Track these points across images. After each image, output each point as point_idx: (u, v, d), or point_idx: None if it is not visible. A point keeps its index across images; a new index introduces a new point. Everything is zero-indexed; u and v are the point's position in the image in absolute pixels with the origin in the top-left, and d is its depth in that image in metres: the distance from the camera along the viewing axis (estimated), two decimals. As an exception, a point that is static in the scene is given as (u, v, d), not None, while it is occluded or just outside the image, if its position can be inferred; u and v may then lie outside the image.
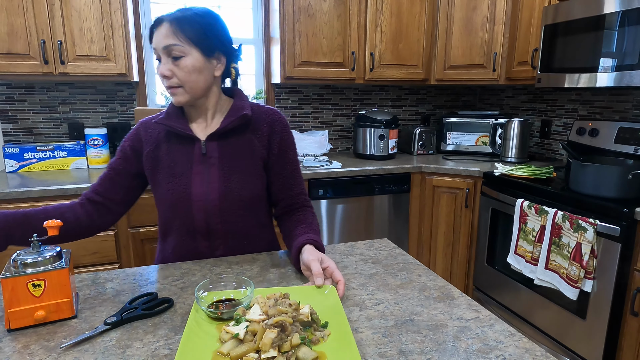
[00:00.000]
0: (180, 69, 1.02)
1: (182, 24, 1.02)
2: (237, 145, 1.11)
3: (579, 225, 1.70)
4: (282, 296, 0.78)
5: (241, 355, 0.66)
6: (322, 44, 2.49)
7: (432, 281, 0.98)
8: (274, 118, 1.15)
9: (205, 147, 1.10)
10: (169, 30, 1.01)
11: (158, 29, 1.02)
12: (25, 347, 0.72)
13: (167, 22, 1.02)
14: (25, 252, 0.80)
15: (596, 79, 1.93)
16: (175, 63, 1.02)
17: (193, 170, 1.09)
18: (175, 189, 1.08)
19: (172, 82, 1.03)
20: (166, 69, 1.02)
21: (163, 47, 1.01)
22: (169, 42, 1.01)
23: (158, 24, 1.03)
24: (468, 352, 0.71)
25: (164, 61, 1.03)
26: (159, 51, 1.03)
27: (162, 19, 1.03)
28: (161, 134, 1.12)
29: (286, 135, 1.16)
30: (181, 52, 1.01)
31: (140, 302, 0.85)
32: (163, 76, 1.03)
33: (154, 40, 1.03)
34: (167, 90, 1.06)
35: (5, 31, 1.97)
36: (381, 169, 2.44)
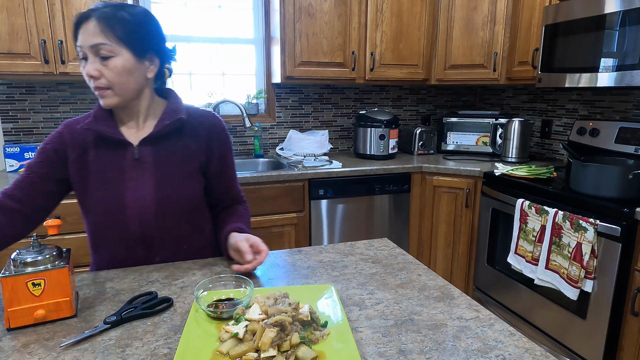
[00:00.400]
0: (110, 69, 0.96)
1: (112, 22, 0.94)
2: (172, 149, 1.06)
3: (579, 225, 1.69)
4: (282, 295, 0.78)
5: (241, 354, 0.66)
6: (322, 44, 2.49)
7: (432, 281, 0.98)
8: (212, 122, 1.13)
9: (139, 152, 1.04)
10: (97, 28, 0.93)
11: (84, 26, 0.94)
12: (25, 346, 0.72)
13: (95, 19, 0.94)
14: (25, 251, 0.80)
15: (597, 78, 1.93)
16: (103, 63, 0.95)
17: (125, 176, 1.03)
18: (107, 197, 1.02)
19: (100, 83, 0.96)
20: (93, 68, 0.95)
21: (90, 46, 0.94)
22: (96, 40, 0.93)
23: (84, 19, 0.94)
24: (468, 352, 0.71)
25: (91, 60, 0.95)
26: (84, 49, 0.95)
27: (88, 14, 0.94)
28: (89, 138, 1.04)
29: (225, 139, 1.14)
30: (110, 51, 0.95)
31: (140, 302, 0.85)
32: (90, 76, 0.96)
33: (80, 37, 0.95)
34: (95, 91, 0.98)
35: (6, 31, 1.98)
36: (381, 169, 2.44)
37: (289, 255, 1.13)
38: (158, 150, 1.05)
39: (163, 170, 1.05)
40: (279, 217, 2.28)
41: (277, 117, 2.86)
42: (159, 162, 1.05)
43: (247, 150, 2.82)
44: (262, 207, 2.24)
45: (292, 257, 1.12)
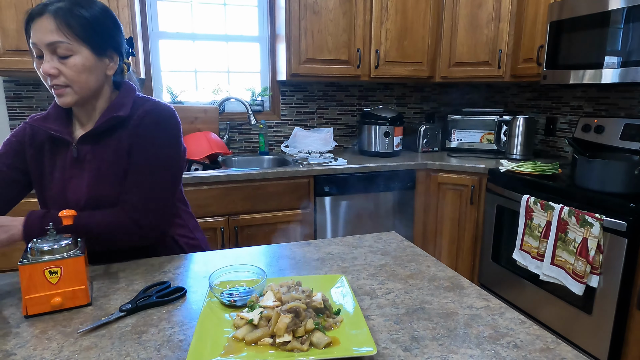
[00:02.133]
0: (69, 68, 0.93)
1: (69, 19, 0.90)
2: (107, 147, 1.01)
3: (585, 220, 1.70)
4: (295, 284, 0.79)
5: (256, 339, 0.67)
6: (327, 41, 2.50)
7: (442, 272, 0.98)
8: (149, 113, 1.01)
9: (77, 150, 1.02)
10: (54, 25, 0.89)
11: (38, 22, 0.90)
12: (43, 332, 0.73)
13: (51, 15, 0.89)
14: (42, 240, 0.81)
15: (601, 75, 1.93)
16: (62, 61, 0.92)
17: (65, 175, 1.02)
18: (54, 196, 1.02)
19: (59, 81, 0.93)
20: (51, 67, 0.91)
21: (47, 44, 0.90)
22: (54, 38, 0.89)
23: (37, 15, 0.90)
24: (479, 339, 0.71)
25: (48, 58, 0.91)
26: (40, 47, 0.91)
27: (42, 10, 0.90)
28: (44, 136, 1.04)
29: (145, 132, 1.00)
30: (69, 50, 0.91)
31: (154, 291, 0.86)
32: (48, 74, 0.92)
33: (34, 34, 0.90)
34: (52, 89, 0.95)
35: (15, 28, 1.99)
36: (386, 166, 2.44)
37: (299, 247, 1.14)
38: (97, 148, 1.01)
39: (98, 169, 1.01)
40: (284, 213, 2.29)
41: (282, 115, 2.87)
42: (97, 160, 1.01)
43: (252, 147, 2.83)
44: (268, 204, 2.25)
45: (301, 249, 1.13)
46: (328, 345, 0.67)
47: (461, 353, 0.67)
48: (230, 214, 2.18)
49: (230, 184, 2.15)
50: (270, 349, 0.66)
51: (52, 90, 0.95)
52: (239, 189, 2.17)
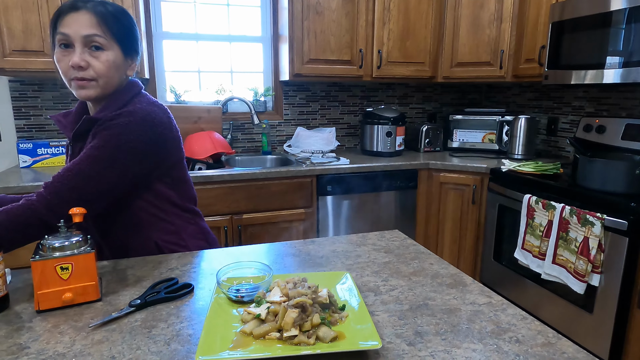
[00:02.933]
0: (100, 62, 0.97)
1: (108, 19, 0.97)
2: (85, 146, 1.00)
3: (586, 219, 1.71)
4: (301, 280, 0.81)
5: (264, 334, 0.69)
6: (330, 42, 2.52)
7: (444, 269, 1.00)
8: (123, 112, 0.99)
9: (72, 148, 1.06)
10: (93, 21, 0.95)
11: (74, 15, 0.94)
12: (55, 327, 0.75)
13: (90, 13, 0.95)
14: (53, 237, 0.82)
15: (603, 75, 1.95)
16: (94, 54, 0.96)
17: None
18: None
19: (87, 74, 0.96)
20: (81, 59, 0.94)
21: (84, 36, 0.94)
22: (92, 31, 0.95)
23: (73, 9, 0.95)
24: (482, 334, 0.73)
25: (80, 50, 0.95)
26: (73, 38, 0.94)
27: (80, 6, 0.95)
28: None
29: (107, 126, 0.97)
30: (104, 44, 0.97)
31: (163, 287, 0.87)
32: (77, 66, 0.94)
33: (68, 26, 0.94)
34: (74, 81, 0.97)
35: (21, 28, 2.01)
36: (388, 165, 2.46)
37: (303, 245, 1.15)
38: (83, 147, 1.02)
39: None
40: (287, 212, 2.30)
41: (285, 115, 2.88)
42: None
43: (255, 147, 2.85)
44: (271, 203, 2.26)
45: (305, 247, 1.14)
46: (334, 339, 0.68)
47: (464, 347, 0.69)
48: (233, 213, 2.20)
49: (233, 184, 2.17)
50: (277, 343, 0.68)
51: (73, 82, 0.97)
52: (242, 189, 2.19)
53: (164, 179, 1.10)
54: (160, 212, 1.11)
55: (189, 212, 1.18)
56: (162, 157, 1.07)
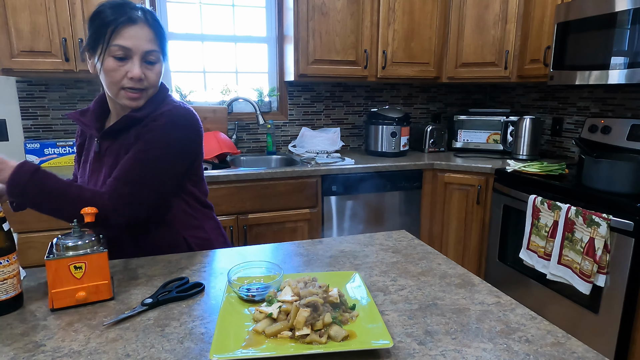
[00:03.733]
0: (154, 73, 1.02)
1: (160, 34, 1.01)
2: (121, 144, 1.06)
3: (592, 220, 1.71)
4: (311, 279, 0.82)
5: (276, 332, 0.70)
6: (335, 42, 2.52)
7: (452, 269, 1.01)
8: (163, 114, 1.03)
9: (99, 145, 1.09)
10: (152, 36, 0.99)
11: (134, 28, 0.97)
12: (70, 325, 0.76)
13: (147, 26, 0.99)
14: (66, 236, 0.84)
15: (608, 76, 1.95)
16: (148, 67, 1.01)
17: (89, 168, 1.11)
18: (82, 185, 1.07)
19: (141, 85, 1.01)
20: (141, 71, 0.99)
21: (145, 51, 0.99)
22: (151, 47, 1.00)
23: (132, 22, 0.97)
24: (491, 333, 0.73)
25: (137, 63, 0.98)
26: (134, 52, 0.97)
27: (137, 18, 0.98)
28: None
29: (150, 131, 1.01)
30: (157, 58, 1.02)
31: (174, 286, 0.88)
32: (137, 79, 0.99)
33: (129, 39, 0.96)
34: (126, 91, 1.00)
35: (28, 29, 2.03)
36: (393, 166, 2.46)
37: (311, 245, 1.16)
38: (113, 145, 1.07)
39: (112, 165, 1.05)
40: (292, 212, 2.31)
41: (290, 115, 2.89)
42: (112, 156, 1.06)
43: (260, 147, 2.86)
44: (276, 203, 2.27)
45: (313, 247, 1.15)
46: (345, 338, 0.69)
47: (474, 347, 0.70)
48: (239, 212, 2.21)
49: (239, 184, 2.18)
50: (289, 341, 0.69)
51: (124, 92, 1.01)
52: (247, 188, 2.20)
53: (192, 176, 1.14)
54: (188, 208, 1.15)
55: (207, 207, 1.23)
56: (198, 154, 1.13)
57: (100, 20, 0.97)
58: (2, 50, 2.01)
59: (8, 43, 2.01)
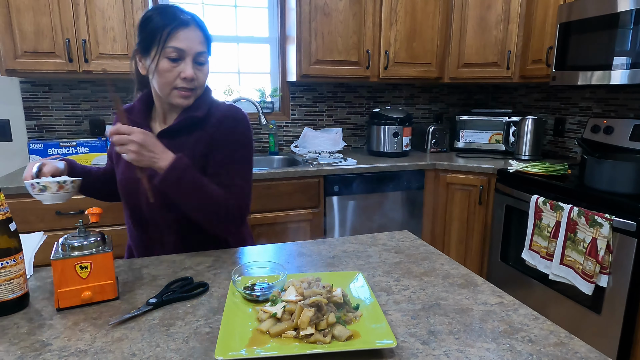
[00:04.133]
0: (203, 74, 1.08)
1: (207, 34, 1.07)
2: (184, 143, 1.10)
3: (594, 220, 1.71)
4: (315, 280, 0.82)
5: (280, 332, 0.70)
6: (337, 43, 2.53)
7: (455, 269, 1.01)
8: (226, 115, 1.11)
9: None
10: (202, 38, 1.05)
11: (186, 31, 1.02)
12: (76, 324, 0.76)
13: (197, 29, 1.05)
14: (71, 237, 0.84)
15: (610, 76, 1.95)
16: (199, 68, 1.06)
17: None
18: (128, 181, 1.13)
19: (192, 85, 1.06)
20: (193, 72, 1.04)
21: (197, 52, 1.04)
22: (202, 48, 1.05)
23: (185, 25, 1.02)
24: (495, 333, 0.74)
25: (189, 65, 1.03)
26: (187, 53, 1.02)
27: (189, 21, 1.03)
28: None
29: (233, 130, 1.10)
30: (206, 59, 1.08)
31: (178, 286, 0.89)
32: (190, 79, 1.04)
33: (183, 41, 1.01)
34: (179, 90, 1.05)
35: (32, 30, 2.03)
36: (395, 166, 2.47)
37: (314, 245, 1.17)
38: (173, 143, 1.09)
39: None
40: (294, 212, 2.32)
41: (292, 115, 2.90)
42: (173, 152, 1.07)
43: (262, 147, 2.87)
44: (279, 203, 2.28)
45: (317, 247, 1.16)
46: (349, 338, 0.70)
47: (477, 346, 0.70)
48: (241, 213, 2.21)
49: (241, 184, 2.18)
50: (294, 341, 0.69)
51: (176, 91, 1.05)
52: (250, 189, 2.20)
53: None
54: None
55: None
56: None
57: (153, 24, 1.02)
58: (6, 51, 2.02)
59: (12, 44, 2.02)
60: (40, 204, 1.89)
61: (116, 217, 2.01)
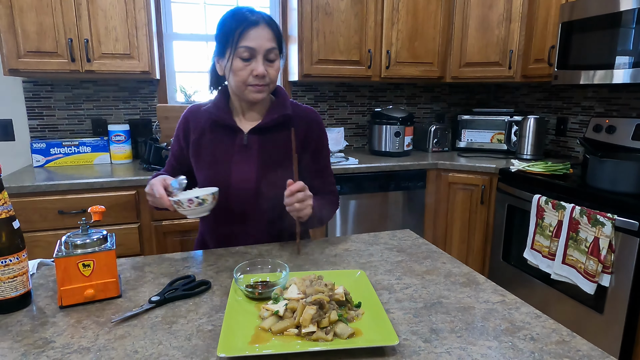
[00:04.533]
0: (275, 70, 1.12)
1: (276, 30, 1.10)
2: (275, 140, 1.19)
3: (596, 220, 1.71)
4: (317, 278, 0.82)
5: (282, 330, 0.70)
6: (339, 42, 2.53)
7: (457, 268, 1.01)
8: (312, 118, 1.24)
9: (247, 139, 1.18)
10: (272, 35, 1.09)
11: (256, 29, 1.07)
12: (78, 322, 0.76)
13: (267, 27, 1.08)
14: (74, 235, 0.84)
15: (612, 75, 1.94)
16: (269, 64, 1.10)
17: (233, 159, 1.17)
18: (216, 176, 1.16)
19: (264, 81, 1.10)
20: (264, 69, 1.09)
21: (267, 49, 1.08)
22: (272, 45, 1.09)
23: (255, 24, 1.07)
24: (497, 331, 0.74)
25: (260, 62, 1.08)
26: (258, 51, 1.07)
27: (258, 20, 1.07)
28: (207, 122, 1.20)
29: (320, 133, 1.25)
30: (276, 55, 1.11)
31: (180, 284, 0.89)
32: (262, 75, 1.08)
33: (253, 40, 1.06)
34: (252, 87, 1.10)
35: (35, 30, 2.04)
36: (397, 165, 2.47)
37: (316, 244, 1.17)
38: (263, 140, 1.18)
39: (265, 158, 1.17)
40: (296, 212, 2.31)
41: (293, 115, 2.90)
42: (263, 150, 1.18)
43: (264, 147, 2.86)
44: (280, 202, 2.27)
45: (318, 245, 1.16)
46: (351, 335, 0.70)
47: (479, 344, 0.70)
48: (243, 212, 2.21)
49: (243, 183, 2.18)
50: (296, 339, 0.69)
51: (250, 88, 1.10)
52: (252, 188, 2.20)
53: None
54: None
55: None
56: None
57: (226, 27, 1.09)
58: (9, 51, 2.02)
59: (15, 43, 2.03)
60: (42, 203, 1.90)
61: (119, 217, 2.01)
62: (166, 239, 2.13)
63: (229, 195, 1.16)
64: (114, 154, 2.39)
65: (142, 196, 2.04)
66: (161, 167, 2.13)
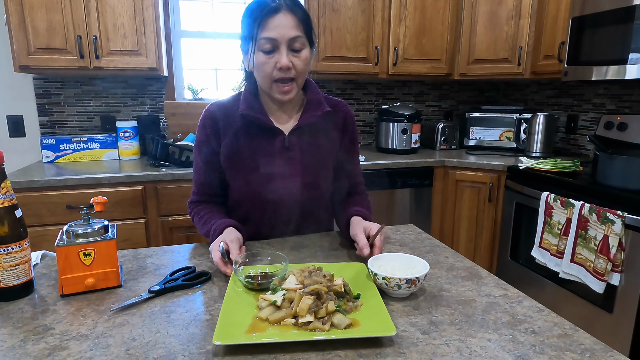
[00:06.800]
0: (301, 60, 0.99)
1: (301, 16, 0.98)
2: (315, 139, 1.11)
3: (606, 217, 1.68)
4: (316, 269, 0.82)
5: (279, 319, 0.70)
6: (346, 39, 2.52)
7: (460, 262, 1.00)
8: (346, 112, 1.18)
9: (288, 140, 1.09)
10: (295, 21, 0.97)
11: (276, 18, 0.96)
12: (78, 310, 0.77)
13: (289, 12, 0.97)
14: (76, 224, 0.85)
15: (625, 71, 1.91)
16: (295, 55, 0.99)
17: (275, 162, 1.09)
18: (257, 179, 1.09)
19: (290, 74, 1.00)
20: (288, 60, 0.98)
21: (290, 38, 0.97)
22: (295, 33, 0.97)
23: (274, 11, 0.96)
24: (497, 324, 0.73)
25: (284, 52, 0.97)
26: (279, 41, 0.96)
27: (278, 7, 0.96)
28: (240, 123, 1.09)
29: (354, 127, 1.20)
30: (302, 44, 0.99)
31: (180, 275, 0.89)
32: (287, 67, 0.98)
33: (274, 29, 0.96)
34: (277, 84, 1.01)
35: (45, 27, 2.07)
36: (404, 163, 2.45)
37: (318, 238, 1.16)
38: (303, 140, 1.10)
39: (308, 159, 1.10)
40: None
41: (300, 112, 2.89)
42: (305, 151, 1.10)
43: (271, 144, 2.87)
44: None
45: (320, 239, 1.15)
46: (348, 326, 0.69)
47: (479, 337, 0.69)
48: (249, 208, 2.22)
49: (249, 179, 2.19)
50: (293, 328, 0.69)
51: (275, 84, 1.01)
52: (258, 184, 2.20)
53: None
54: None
55: None
56: None
57: (245, 20, 1.01)
58: (19, 48, 2.05)
59: (25, 40, 2.06)
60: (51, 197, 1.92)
61: (126, 212, 2.03)
62: (172, 234, 2.14)
63: (271, 200, 1.09)
64: (122, 150, 2.41)
65: (149, 192, 2.06)
66: (168, 163, 2.14)
